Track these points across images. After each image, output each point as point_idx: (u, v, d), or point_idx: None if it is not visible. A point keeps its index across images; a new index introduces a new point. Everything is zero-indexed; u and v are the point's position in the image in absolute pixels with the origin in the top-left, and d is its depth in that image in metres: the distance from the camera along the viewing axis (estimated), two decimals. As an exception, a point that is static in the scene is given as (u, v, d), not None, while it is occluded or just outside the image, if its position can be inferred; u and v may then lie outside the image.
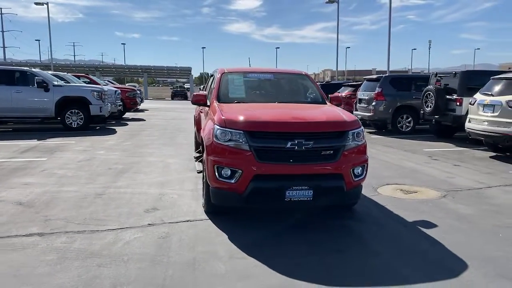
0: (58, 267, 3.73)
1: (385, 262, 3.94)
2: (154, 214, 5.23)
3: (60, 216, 5.11)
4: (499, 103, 8.72)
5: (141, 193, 6.23)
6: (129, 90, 20.18)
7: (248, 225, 4.90)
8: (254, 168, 4.54)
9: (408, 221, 5.07)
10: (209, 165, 4.82)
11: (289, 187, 4.54)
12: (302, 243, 4.39)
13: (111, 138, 12.38)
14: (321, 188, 4.63)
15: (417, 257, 4.05)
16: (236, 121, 4.72)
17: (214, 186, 4.84)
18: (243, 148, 4.59)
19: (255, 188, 4.55)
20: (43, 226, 4.76)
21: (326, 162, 4.67)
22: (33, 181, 6.86)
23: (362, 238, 4.58)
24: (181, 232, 4.65)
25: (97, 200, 5.84)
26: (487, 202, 5.90)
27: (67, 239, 4.38)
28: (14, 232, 4.55)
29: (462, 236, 4.58)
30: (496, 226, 4.92)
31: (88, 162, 8.52)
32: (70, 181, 6.89)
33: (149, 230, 4.68)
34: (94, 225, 4.82)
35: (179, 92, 51.64)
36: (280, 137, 4.58)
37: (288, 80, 6.61)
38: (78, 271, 3.66)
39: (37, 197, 5.92)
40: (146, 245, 4.26)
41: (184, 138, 12.67)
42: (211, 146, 4.83)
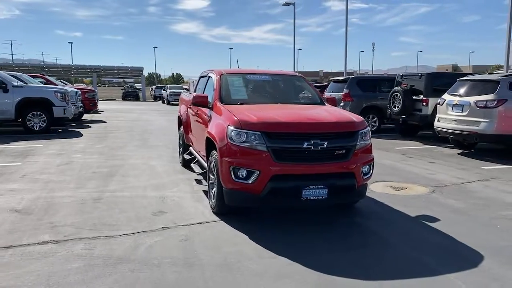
0: (90, 275, 3.64)
1: (406, 254, 4.15)
2: (164, 217, 5.18)
3: (66, 223, 4.94)
4: (468, 103, 9.30)
5: (140, 196, 6.13)
6: (88, 91, 19.55)
7: (263, 225, 4.97)
8: (272, 169, 4.62)
9: (411, 216, 5.34)
10: (224, 167, 4.84)
11: (306, 186, 4.66)
12: (322, 241, 4.52)
13: (80, 141, 11.97)
14: (335, 186, 4.79)
15: (434, 248, 4.30)
16: (252, 122, 4.78)
17: (229, 187, 4.87)
18: (260, 149, 4.66)
19: (273, 188, 4.64)
20: (54, 233, 4.59)
21: (339, 161, 4.83)
22: (18, 187, 6.56)
23: (375, 233, 4.78)
24: (199, 234, 4.65)
25: (97, 204, 5.69)
26: (473, 196, 6.31)
27: (85, 246, 4.26)
28: (25, 241, 4.36)
29: (465, 228, 4.89)
30: (491, 218, 5.29)
31: (69, 166, 8.22)
32: (58, 186, 6.64)
33: (166, 234, 4.65)
34: (107, 230, 4.71)
35: (131, 92, 50.37)
36: (297, 138, 4.70)
37: (286, 82, 6.74)
38: (113, 277, 3.59)
39: (32, 204, 5.67)
40: (170, 249, 4.23)
41: (156, 140, 12.48)
42: (225, 147, 4.85)
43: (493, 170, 8.11)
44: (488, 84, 9.28)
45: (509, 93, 8.89)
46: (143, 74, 52.11)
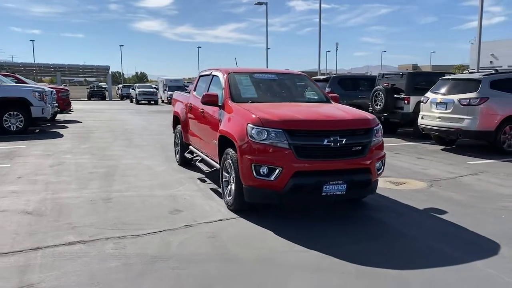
0: (132, 273, 3.65)
1: (426, 244, 4.36)
2: (182, 216, 5.20)
3: (85, 223, 4.89)
4: (452, 101, 9.73)
5: (149, 196, 6.12)
6: (62, 90, 19.04)
7: (283, 221, 5.07)
8: (294, 165, 4.74)
9: (419, 209, 5.59)
10: (245, 164, 4.92)
11: (326, 182, 4.81)
12: (344, 233, 4.69)
13: (63, 142, 11.69)
14: (353, 182, 4.96)
15: (451, 238, 4.54)
16: (273, 120, 4.88)
17: (250, 184, 4.95)
18: (282, 146, 4.77)
19: (295, 184, 4.76)
20: (78, 234, 4.53)
21: (356, 158, 5.01)
22: (19, 189, 6.39)
23: (391, 225, 4.98)
24: (224, 231, 4.71)
25: (109, 205, 5.64)
26: (469, 189, 6.65)
27: (115, 245, 4.24)
28: (51, 242, 4.29)
29: (472, 219, 5.16)
30: (493, 209, 5.60)
31: (62, 167, 8.06)
32: (61, 187, 6.52)
33: (191, 231, 4.68)
34: (131, 229, 4.69)
35: (97, 92, 49.23)
36: (318, 135, 4.84)
37: (291, 80, 6.86)
38: (157, 275, 3.62)
39: (41, 205, 5.56)
40: (201, 245, 4.28)
41: (141, 140, 12.33)
42: (246, 145, 4.93)
43: (479, 165, 8.53)
44: (470, 83, 9.74)
45: (490, 92, 9.37)
46: (109, 73, 51.06)
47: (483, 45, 57.76)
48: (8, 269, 3.69)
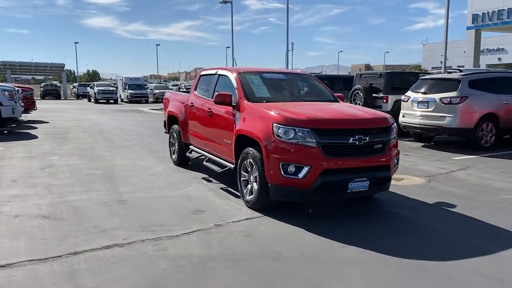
0: (187, 274, 3.64)
1: (454, 237, 4.60)
2: (206, 216, 5.19)
3: (111, 226, 4.78)
4: (433, 99, 10.19)
5: (162, 197, 6.06)
6: (26, 89, 18.20)
7: (308, 219, 5.17)
8: (322, 163, 4.86)
9: (430, 203, 5.86)
10: (272, 163, 4.98)
11: (352, 180, 4.97)
12: (372, 229, 4.86)
13: (40, 143, 11.24)
14: (375, 178, 5.15)
15: (473, 230, 4.81)
16: (300, 119, 4.97)
17: (276, 183, 5.02)
18: (310, 144, 4.87)
19: (323, 182, 4.88)
20: (110, 237, 4.43)
21: (378, 155, 5.20)
22: (21, 193, 6.14)
23: (414, 220, 5.18)
24: (256, 229, 4.76)
25: (125, 207, 5.54)
26: (465, 183, 7.02)
27: (154, 247, 4.19)
28: (87, 246, 4.18)
29: (483, 212, 5.46)
30: (497, 202, 5.95)
31: (56, 169, 7.78)
32: (65, 190, 6.31)
33: (224, 231, 4.69)
34: (162, 231, 4.64)
35: (51, 90, 47.29)
36: (344, 133, 4.98)
37: (300, 80, 6.97)
38: (213, 275, 3.63)
39: (54, 209, 5.38)
40: (241, 244, 4.32)
41: (122, 140, 12.06)
42: (273, 144, 4.99)
43: (463, 160, 9.00)
44: (450, 82, 10.24)
45: (469, 91, 9.89)
46: (64, 71, 49.26)
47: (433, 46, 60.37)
48: (56, 275, 3.58)
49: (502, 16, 33.07)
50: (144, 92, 37.89)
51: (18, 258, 3.89)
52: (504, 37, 44.64)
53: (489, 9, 33.19)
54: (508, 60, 45.47)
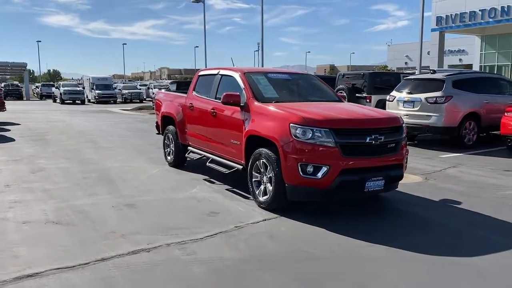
0: (227, 278, 3.60)
1: (472, 233, 4.73)
2: (222, 218, 5.14)
3: (130, 231, 4.65)
4: (419, 99, 10.46)
5: (170, 199, 5.95)
6: (-5, 89, 17.44)
7: (325, 219, 5.18)
8: (341, 163, 4.90)
9: (436, 200, 6.00)
10: (289, 163, 4.98)
11: (369, 179, 5.04)
12: (391, 227, 4.93)
13: (20, 146, 10.79)
14: (390, 177, 5.25)
15: (487, 226, 4.96)
16: (318, 119, 5.00)
17: (294, 183, 5.02)
18: (329, 144, 4.90)
19: (342, 181, 4.92)
20: (133, 242, 4.31)
21: (392, 154, 5.29)
22: (19, 198, 5.88)
23: (427, 217, 5.27)
24: (278, 230, 4.74)
25: (137, 210, 5.42)
26: (461, 180, 7.24)
27: (181, 251, 4.11)
28: (112, 252, 4.04)
29: (488, 208, 5.63)
30: (496, 198, 6.16)
31: (47, 173, 7.49)
32: (66, 194, 6.09)
33: (246, 232, 4.66)
34: (184, 234, 4.55)
35: (12, 91, 45.36)
36: (361, 133, 5.04)
37: (304, 80, 6.99)
38: (256, 276, 3.60)
39: (62, 214, 5.19)
40: (269, 245, 4.31)
41: (106, 142, 11.74)
42: (291, 144, 4.98)
43: (451, 158, 9.29)
44: (434, 83, 10.55)
45: (453, 91, 10.22)
46: (26, 71, 47.42)
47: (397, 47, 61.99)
48: (92, 284, 3.46)
49: (465, 19, 34.33)
50: (112, 92, 37.03)
51: (44, 266, 3.72)
52: (464, 39, 46.38)
53: (452, 12, 34.34)
54: (468, 61, 47.17)
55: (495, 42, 38.52)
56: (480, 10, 33.17)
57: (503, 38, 37.58)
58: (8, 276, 3.54)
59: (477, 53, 40.44)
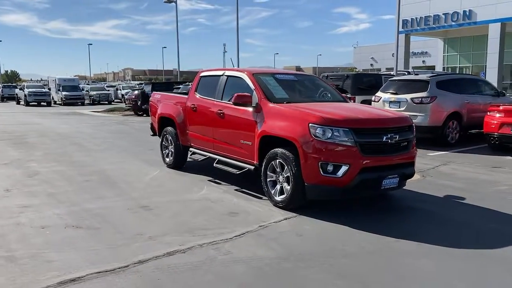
0: (271, 276, 3.65)
1: (487, 227, 4.95)
2: (243, 218, 5.18)
3: (156, 232, 4.63)
4: (405, 100, 10.81)
5: (184, 201, 5.94)
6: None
7: (345, 215, 5.29)
8: (361, 162, 5.04)
9: (441, 197, 6.24)
10: (310, 163, 5.08)
11: (386, 177, 5.21)
12: (411, 223, 5.08)
13: (2, 149, 10.41)
14: (404, 175, 5.44)
15: (497, 220, 5.21)
16: (338, 119, 5.12)
17: (314, 182, 5.12)
18: (349, 144, 5.03)
19: (362, 180, 5.06)
20: (164, 244, 4.29)
21: (405, 152, 5.48)
22: (28, 203, 5.71)
23: (439, 214, 5.45)
24: (302, 229, 4.81)
25: (154, 212, 5.39)
26: (456, 177, 7.55)
27: (216, 251, 4.13)
28: (149, 254, 4.00)
29: (490, 202, 5.90)
30: (494, 193, 6.46)
31: (45, 177, 7.30)
32: (74, 198, 5.98)
33: (273, 231, 4.72)
34: (212, 235, 4.56)
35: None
36: (378, 132, 5.21)
37: (309, 81, 7.11)
38: (299, 274, 3.66)
39: (79, 218, 5.09)
40: (300, 243, 4.38)
41: (91, 144, 11.48)
42: (311, 144, 5.08)
43: (439, 156, 9.64)
44: (419, 83, 10.92)
45: (437, 91, 10.62)
46: (-14, 72, 45.43)
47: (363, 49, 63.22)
48: (139, 286, 3.42)
49: (429, 22, 35.57)
50: (80, 94, 36.08)
51: (83, 270, 3.66)
52: (428, 41, 48.01)
53: (417, 15, 35.45)
54: (431, 63, 48.85)
55: (457, 44, 40.09)
56: (443, 13, 34.46)
57: (464, 40, 39.18)
58: (50, 281, 3.47)
59: (440, 55, 41.94)
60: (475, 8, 32.24)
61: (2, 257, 3.95)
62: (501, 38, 31.62)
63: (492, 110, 9.84)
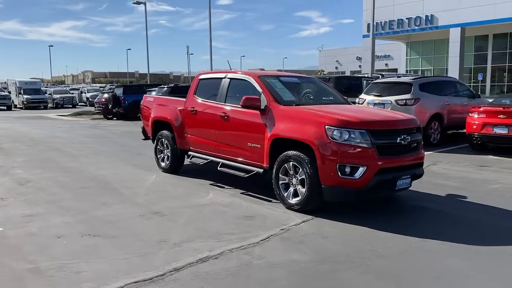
0: (314, 278, 3.63)
1: (498, 224, 5.12)
2: (261, 221, 5.14)
3: (180, 238, 4.53)
4: (389, 101, 11.05)
5: (193, 206, 5.82)
6: None
7: (358, 216, 5.32)
8: (378, 163, 5.11)
9: (443, 195, 6.41)
10: (327, 165, 5.10)
11: (400, 177, 5.30)
12: (425, 223, 5.19)
13: (-21, 156, 9.91)
14: (415, 175, 5.56)
15: (504, 217, 5.40)
16: (354, 121, 5.17)
17: (332, 184, 5.14)
18: (366, 145, 5.09)
19: (379, 181, 5.13)
20: (191, 250, 4.20)
21: (416, 153, 5.60)
22: (28, 212, 5.46)
23: (449, 212, 5.56)
24: (324, 231, 4.81)
25: (169, 217, 5.28)
26: (449, 176, 7.78)
27: (250, 256, 4.08)
28: (179, 263, 3.90)
29: (490, 200, 6.10)
30: (489, 191, 6.69)
31: (38, 184, 7.01)
32: (78, 206, 5.76)
33: (297, 234, 4.70)
34: (237, 239, 4.50)
35: None
36: (393, 134, 5.29)
37: (312, 83, 7.12)
38: (340, 275, 3.67)
39: (92, 226, 4.92)
40: (328, 245, 4.39)
41: (72, 149, 11.11)
42: (328, 146, 5.09)
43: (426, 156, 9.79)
44: (402, 86, 11.21)
45: (420, 93, 10.93)
46: None
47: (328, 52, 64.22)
48: (185, 294, 3.33)
49: (393, 26, 36.67)
50: (42, 97, 34.85)
51: (119, 280, 3.54)
52: (390, 45, 49.34)
53: (382, 19, 36.35)
54: (394, 65, 50.25)
55: (419, 48, 41.45)
56: (407, 18, 35.57)
57: (426, 44, 40.58)
58: (89, 293, 3.31)
59: (403, 58, 43.21)
60: (437, 13, 33.48)
61: (27, 270, 3.75)
62: (461, 42, 33.02)
63: (474, 112, 10.21)
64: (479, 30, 34.05)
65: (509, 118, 9.49)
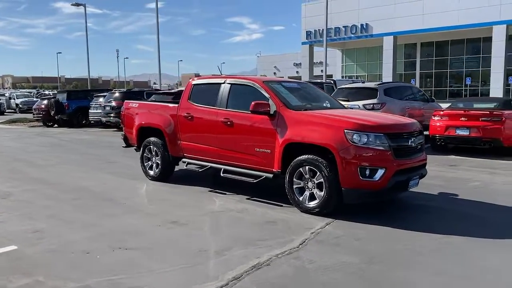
0: (376, 278, 3.70)
1: (499, 218, 5.50)
2: (286, 226, 5.13)
3: (218, 247, 4.42)
4: (357, 106, 11.41)
5: (210, 212, 5.71)
6: None
7: (375, 216, 5.49)
8: (395, 165, 5.32)
9: (435, 194, 6.75)
10: (348, 168, 5.22)
11: (412, 178, 5.56)
12: (440, 221, 5.38)
13: None
14: (422, 175, 5.85)
15: (499, 212, 5.80)
16: (372, 125, 5.35)
17: (352, 186, 5.27)
18: (384, 148, 5.28)
19: (396, 182, 5.34)
20: (235, 257, 4.12)
21: (422, 155, 5.90)
22: (30, 228, 5.06)
23: (453, 210, 5.86)
24: (354, 233, 4.86)
25: (189, 226, 5.13)
26: (429, 176, 8.13)
27: (298, 261, 4.08)
28: (235, 271, 3.81)
29: (483, 196, 6.48)
30: (474, 188, 7.18)
31: (21, 197, 6.49)
32: (83, 218, 5.42)
33: (329, 237, 4.75)
34: (276, 244, 4.48)
35: None
36: (406, 137, 5.54)
37: (310, 89, 7.19)
38: (397, 275, 3.77)
39: (117, 240, 4.65)
40: (366, 246, 4.48)
41: (39, 160, 10.37)
42: (349, 149, 5.22)
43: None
44: (368, 91, 11.69)
45: (385, 98, 11.46)
46: None
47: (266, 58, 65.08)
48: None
49: (330, 34, 38.04)
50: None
51: (186, 294, 3.37)
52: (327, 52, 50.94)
53: (319, 27, 37.56)
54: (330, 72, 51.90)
55: (353, 55, 43.31)
56: (343, 26, 37.09)
57: (360, 51, 42.49)
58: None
59: (338, 65, 44.91)
60: (371, 22, 35.24)
61: (79, 289, 3.47)
62: (394, 49, 35.00)
63: (436, 115, 10.89)
64: (409, 39, 36.29)
65: (470, 121, 10.24)
